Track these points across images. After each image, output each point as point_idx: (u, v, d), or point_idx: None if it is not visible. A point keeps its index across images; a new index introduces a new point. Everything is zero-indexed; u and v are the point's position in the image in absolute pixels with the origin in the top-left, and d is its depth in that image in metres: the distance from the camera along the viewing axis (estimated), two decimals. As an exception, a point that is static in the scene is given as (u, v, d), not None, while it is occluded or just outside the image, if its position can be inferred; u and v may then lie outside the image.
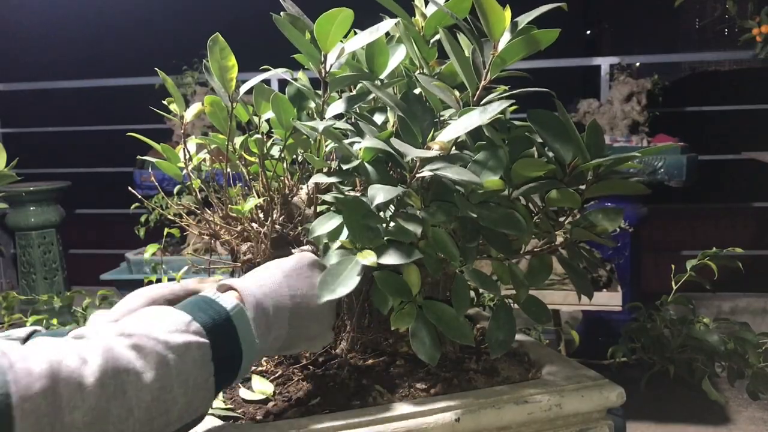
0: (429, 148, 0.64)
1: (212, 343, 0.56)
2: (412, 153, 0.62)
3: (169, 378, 0.51)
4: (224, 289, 0.63)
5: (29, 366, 0.44)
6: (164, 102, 0.90)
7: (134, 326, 0.53)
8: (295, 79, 0.84)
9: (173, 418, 0.52)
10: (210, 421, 0.66)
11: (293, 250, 0.86)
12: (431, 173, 0.64)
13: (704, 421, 2.53)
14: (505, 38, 0.66)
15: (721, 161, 3.46)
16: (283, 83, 0.90)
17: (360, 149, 0.70)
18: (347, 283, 0.64)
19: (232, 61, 0.80)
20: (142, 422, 0.49)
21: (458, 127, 0.64)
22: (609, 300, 1.96)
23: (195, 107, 0.87)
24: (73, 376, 0.46)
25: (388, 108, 0.77)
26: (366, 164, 0.69)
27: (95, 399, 0.46)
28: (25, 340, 0.76)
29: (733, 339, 1.13)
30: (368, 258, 0.63)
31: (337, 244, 0.68)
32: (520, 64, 0.73)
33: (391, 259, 0.65)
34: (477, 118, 0.63)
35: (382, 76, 0.77)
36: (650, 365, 1.20)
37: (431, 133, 0.66)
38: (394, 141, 0.63)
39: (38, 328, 0.81)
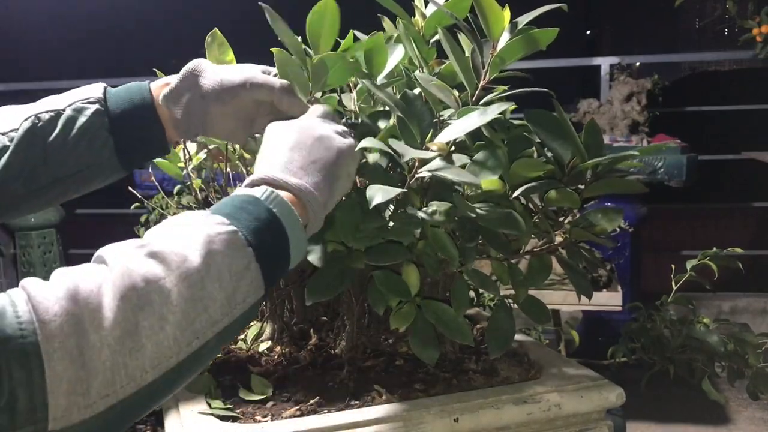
0: (428, 149, 0.64)
1: (245, 229, 0.52)
2: (410, 154, 0.62)
3: (197, 276, 0.48)
4: (252, 185, 0.59)
5: (46, 294, 0.43)
6: None
7: (150, 235, 0.51)
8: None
9: (216, 314, 0.49)
10: (209, 421, 0.66)
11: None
12: (430, 174, 0.64)
13: (704, 421, 2.53)
14: (504, 38, 0.66)
15: (721, 161, 3.46)
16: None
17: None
18: (336, 285, 0.64)
19: (230, 56, 0.81)
20: (181, 327, 0.47)
21: (457, 128, 0.64)
22: (609, 300, 1.96)
23: None
24: (92, 295, 0.44)
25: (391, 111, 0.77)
26: (366, 164, 0.69)
27: (119, 314, 0.44)
28: (104, 99, 0.71)
29: (733, 339, 1.13)
30: (357, 260, 0.63)
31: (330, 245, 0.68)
32: (521, 64, 0.73)
33: (382, 260, 0.65)
34: (476, 119, 0.63)
35: (381, 76, 0.77)
36: (650, 365, 1.20)
37: (430, 133, 0.66)
38: (392, 141, 0.63)
39: (105, 85, 0.75)
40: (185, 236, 0.50)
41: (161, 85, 0.72)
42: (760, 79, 4.00)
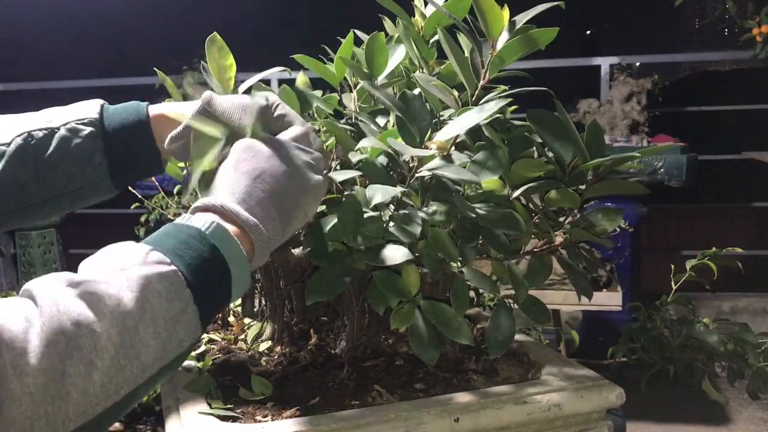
0: (427, 148, 0.64)
1: (186, 268, 0.50)
2: (409, 152, 0.62)
3: (131, 321, 0.46)
4: (196, 212, 0.56)
5: None
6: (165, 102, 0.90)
7: (85, 272, 0.48)
8: (294, 79, 0.85)
9: (148, 360, 0.47)
10: (209, 422, 0.66)
11: (294, 250, 0.86)
12: (430, 173, 0.64)
13: (704, 421, 2.53)
14: (504, 38, 0.66)
15: (721, 161, 3.46)
16: (283, 83, 0.90)
17: (358, 149, 0.70)
18: (337, 285, 0.64)
19: (230, 60, 0.80)
20: (110, 375, 0.44)
21: (456, 126, 0.63)
22: (609, 300, 1.96)
23: None
24: (17, 339, 0.41)
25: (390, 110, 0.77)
26: (366, 164, 0.69)
27: (45, 360, 0.41)
28: (100, 120, 0.69)
29: (733, 339, 1.13)
30: (358, 260, 0.63)
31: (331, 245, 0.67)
32: (521, 64, 0.73)
33: (383, 260, 0.64)
34: (474, 116, 0.63)
35: (381, 76, 0.77)
36: (650, 365, 1.20)
37: (429, 132, 0.66)
38: (391, 141, 0.63)
39: (103, 102, 0.73)
40: (121, 275, 0.47)
41: (158, 114, 0.70)
42: (760, 79, 4.00)
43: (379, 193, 0.60)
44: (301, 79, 0.86)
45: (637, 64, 3.49)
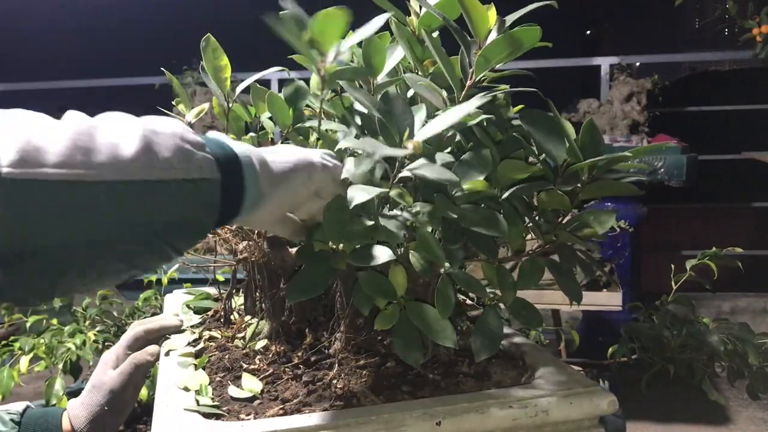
0: (405, 148, 0.63)
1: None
2: (382, 151, 0.60)
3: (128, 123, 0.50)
4: None
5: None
6: (173, 103, 0.92)
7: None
8: (293, 79, 0.84)
9: (126, 155, 0.48)
10: (192, 418, 0.65)
11: (291, 250, 0.86)
12: (409, 173, 0.62)
13: (704, 421, 2.53)
14: (492, 37, 0.65)
15: (721, 161, 3.46)
16: (284, 83, 0.91)
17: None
18: (319, 285, 0.63)
19: (225, 60, 0.81)
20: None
21: (435, 126, 0.62)
22: (609, 300, 1.96)
23: (197, 109, 0.88)
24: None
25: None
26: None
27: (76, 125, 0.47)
28: (21, 414, 0.85)
29: (733, 339, 1.12)
30: (340, 261, 0.63)
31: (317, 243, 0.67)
32: (521, 64, 0.73)
33: (366, 260, 0.64)
34: (453, 115, 0.61)
35: (381, 76, 0.76)
36: (650, 365, 1.20)
37: (407, 132, 0.65)
38: (365, 141, 0.61)
39: (30, 404, 0.89)
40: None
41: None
42: (760, 79, 4.00)
43: (359, 194, 0.59)
44: (314, 80, 0.85)
45: (637, 64, 3.49)
